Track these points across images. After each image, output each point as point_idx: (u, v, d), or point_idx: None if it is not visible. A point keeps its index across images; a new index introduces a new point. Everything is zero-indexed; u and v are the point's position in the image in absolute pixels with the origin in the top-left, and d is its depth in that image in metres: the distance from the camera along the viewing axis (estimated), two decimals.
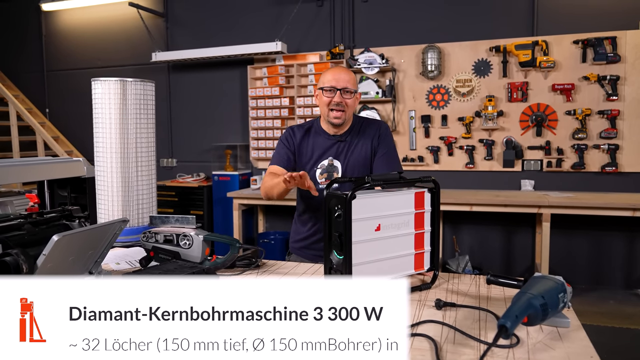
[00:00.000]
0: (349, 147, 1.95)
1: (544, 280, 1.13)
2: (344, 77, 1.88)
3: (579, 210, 3.65)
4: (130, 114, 2.06)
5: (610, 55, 3.91)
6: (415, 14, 4.48)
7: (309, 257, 1.97)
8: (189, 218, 1.67)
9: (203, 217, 4.89)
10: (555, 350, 1.03)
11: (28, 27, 5.97)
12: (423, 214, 1.47)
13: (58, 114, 5.91)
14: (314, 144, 1.97)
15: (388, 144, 1.98)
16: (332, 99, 1.87)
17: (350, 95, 1.88)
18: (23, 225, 1.42)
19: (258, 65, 4.91)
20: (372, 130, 1.97)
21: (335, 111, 1.88)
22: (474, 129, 4.33)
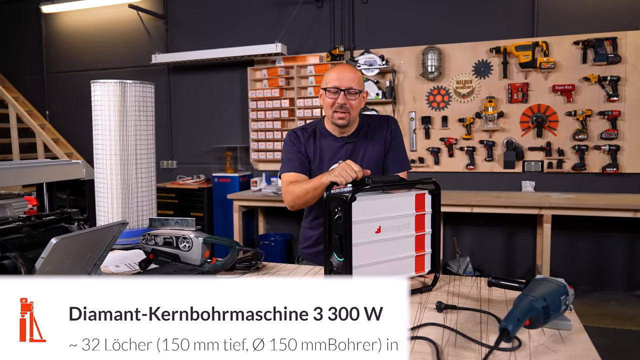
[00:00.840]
0: (359, 150, 1.86)
1: (546, 282, 1.12)
2: (348, 76, 1.76)
3: (580, 211, 3.64)
4: (129, 116, 2.05)
5: (611, 56, 3.91)
6: (415, 15, 4.48)
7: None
8: (189, 220, 1.67)
9: (203, 219, 4.88)
10: (557, 353, 1.02)
11: (28, 29, 5.98)
12: (424, 216, 1.46)
13: (58, 116, 5.92)
14: (321, 147, 1.87)
15: (399, 142, 1.90)
16: (335, 100, 1.76)
17: (355, 96, 1.77)
18: (21, 228, 1.41)
19: (258, 67, 4.90)
20: (382, 129, 1.88)
21: (340, 113, 1.78)
22: (475, 130, 4.32)
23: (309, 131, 1.91)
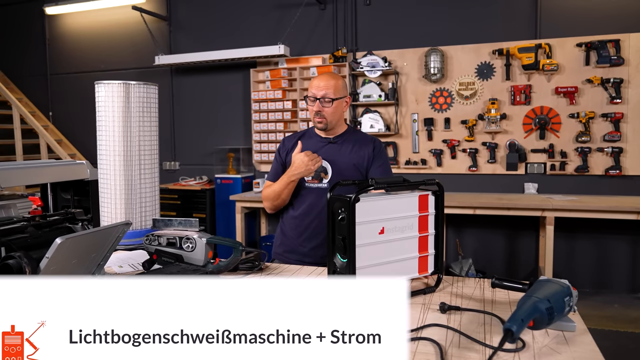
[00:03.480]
0: (340, 149, 1.98)
1: (550, 283, 1.12)
2: (324, 85, 1.90)
3: (583, 213, 3.63)
4: (133, 117, 2.06)
5: (614, 58, 3.91)
6: (418, 17, 4.48)
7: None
8: (192, 221, 1.67)
9: (205, 220, 4.89)
10: (561, 354, 1.02)
11: (32, 30, 6.00)
12: (427, 217, 1.46)
13: (61, 117, 5.93)
14: (306, 146, 1.99)
15: (384, 158, 2.02)
16: (313, 107, 1.93)
17: (329, 104, 1.90)
18: (26, 228, 1.42)
19: (261, 69, 4.91)
20: (366, 141, 2.02)
21: (318, 117, 1.93)
22: (477, 132, 4.32)
23: (298, 135, 2.08)
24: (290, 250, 2.00)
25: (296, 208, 1.99)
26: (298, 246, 1.97)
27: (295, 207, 1.99)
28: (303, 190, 1.97)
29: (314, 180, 1.96)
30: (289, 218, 2.02)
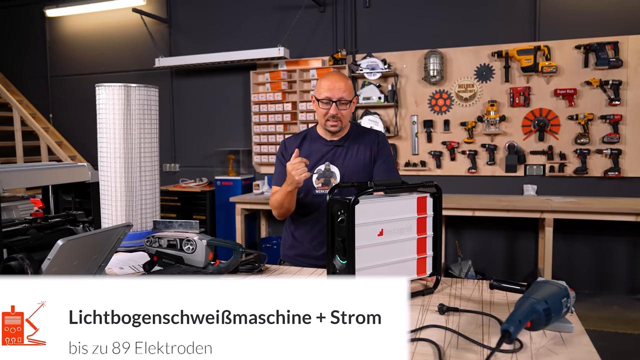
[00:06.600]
0: (347, 152, 1.94)
1: (547, 285, 1.13)
2: (339, 87, 1.84)
3: (582, 215, 3.64)
4: (134, 119, 2.07)
5: (613, 60, 3.92)
6: (418, 20, 4.50)
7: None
8: (193, 223, 1.68)
9: (206, 222, 4.89)
10: (558, 355, 1.03)
11: (32, 33, 6.02)
12: (425, 219, 1.47)
13: (62, 119, 5.94)
14: (311, 150, 1.94)
15: (387, 152, 1.98)
16: (328, 110, 1.86)
17: (346, 106, 1.87)
18: (28, 230, 1.43)
19: (261, 71, 4.92)
20: (370, 137, 1.97)
21: (332, 121, 1.88)
22: (476, 134, 4.33)
23: (300, 137, 2.01)
24: (303, 255, 1.96)
25: (307, 213, 1.95)
26: (311, 250, 1.94)
27: (307, 213, 1.95)
28: (313, 197, 1.92)
29: (324, 186, 1.91)
30: (300, 222, 1.98)
